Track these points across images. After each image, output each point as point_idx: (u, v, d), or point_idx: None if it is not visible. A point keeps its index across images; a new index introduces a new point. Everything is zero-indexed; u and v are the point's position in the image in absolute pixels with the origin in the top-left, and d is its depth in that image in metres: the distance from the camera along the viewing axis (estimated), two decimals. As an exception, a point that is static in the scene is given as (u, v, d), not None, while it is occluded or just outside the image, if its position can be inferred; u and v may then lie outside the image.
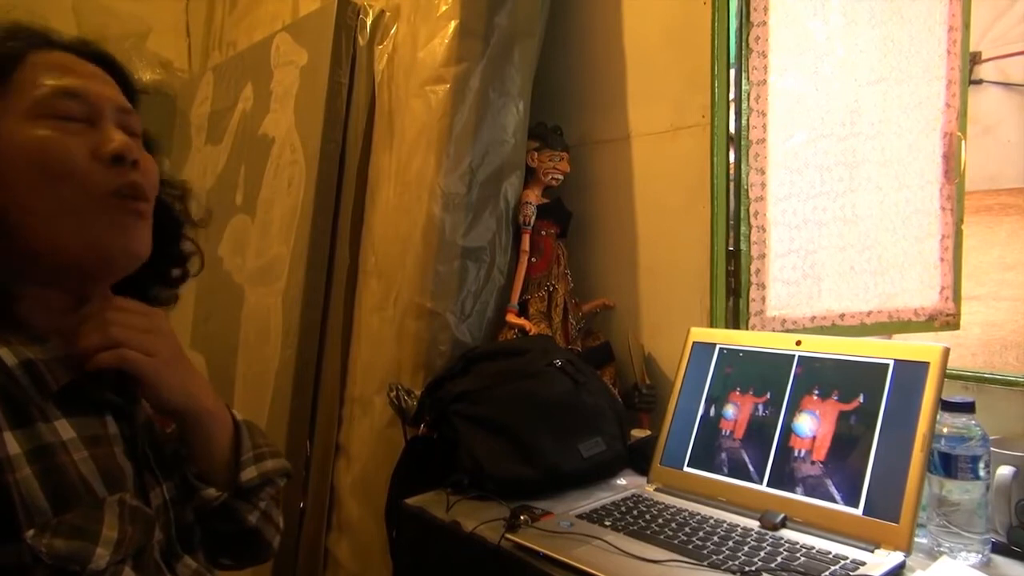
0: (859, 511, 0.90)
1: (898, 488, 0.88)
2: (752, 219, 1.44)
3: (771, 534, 0.93)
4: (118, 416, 0.66)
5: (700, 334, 1.19)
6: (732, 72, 1.42)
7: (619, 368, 1.54)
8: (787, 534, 0.92)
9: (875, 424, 0.93)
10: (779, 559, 0.85)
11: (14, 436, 0.57)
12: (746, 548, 0.89)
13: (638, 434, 1.37)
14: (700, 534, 0.93)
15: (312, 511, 1.62)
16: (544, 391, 1.24)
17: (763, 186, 1.44)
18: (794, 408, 1.02)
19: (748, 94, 1.42)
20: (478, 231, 1.49)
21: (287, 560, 1.60)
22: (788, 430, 1.01)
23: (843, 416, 0.97)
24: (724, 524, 0.97)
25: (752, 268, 1.44)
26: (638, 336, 1.54)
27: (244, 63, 2.12)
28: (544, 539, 0.94)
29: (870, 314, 1.57)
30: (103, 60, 0.71)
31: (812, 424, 0.99)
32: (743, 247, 1.43)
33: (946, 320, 1.66)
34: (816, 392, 1.01)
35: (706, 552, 0.88)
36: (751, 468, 1.03)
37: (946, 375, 0.91)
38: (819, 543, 0.89)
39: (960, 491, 0.89)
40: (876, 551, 0.86)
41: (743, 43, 1.41)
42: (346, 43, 1.69)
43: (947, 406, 0.92)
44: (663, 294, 1.53)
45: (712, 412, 1.11)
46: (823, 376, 1.01)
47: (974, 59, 3.43)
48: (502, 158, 1.52)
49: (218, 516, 0.73)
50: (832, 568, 0.82)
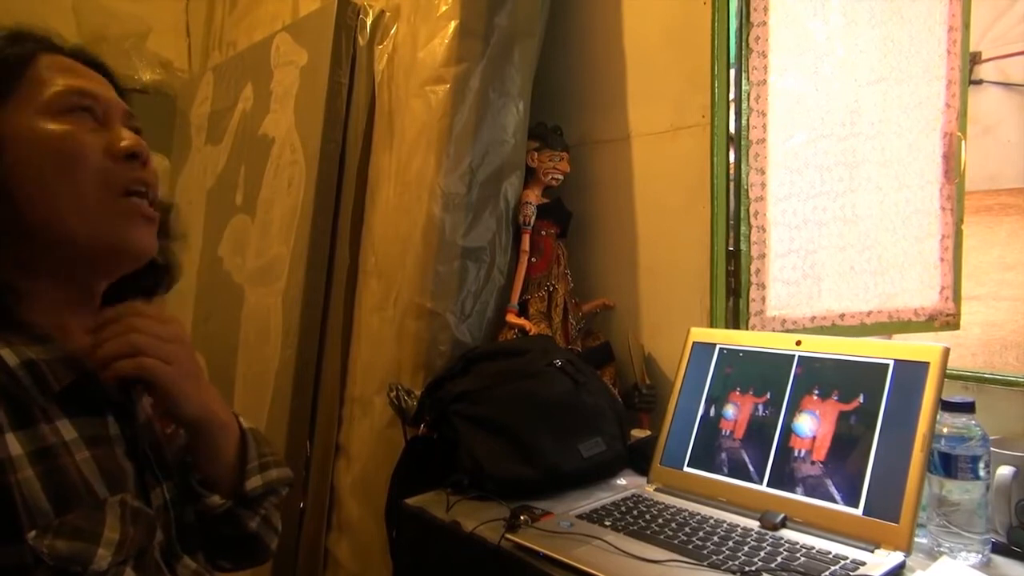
0: (859, 511, 0.90)
1: (898, 488, 0.88)
2: (752, 219, 1.44)
3: (771, 534, 0.93)
4: (119, 416, 0.66)
5: (700, 334, 1.19)
6: (732, 72, 1.42)
7: (619, 368, 1.54)
8: (787, 534, 0.92)
9: (875, 424, 0.93)
10: (779, 559, 0.85)
11: (16, 437, 0.57)
12: (746, 548, 0.89)
13: (638, 434, 1.38)
14: (700, 534, 0.93)
15: (312, 511, 1.62)
16: (544, 391, 1.24)
17: (763, 186, 1.44)
18: (794, 408, 1.02)
19: (748, 94, 1.42)
20: (478, 231, 1.50)
21: (287, 560, 1.60)
22: (788, 430, 1.01)
23: (843, 416, 0.97)
24: (724, 524, 0.97)
25: (752, 268, 1.44)
26: (638, 336, 1.54)
27: (244, 63, 2.11)
28: (544, 539, 0.94)
29: (870, 314, 1.57)
30: (100, 68, 0.73)
31: (812, 424, 0.99)
32: (743, 247, 1.43)
33: (946, 320, 1.66)
34: (816, 392, 1.01)
35: (706, 552, 0.88)
36: (751, 468, 1.03)
37: (946, 375, 0.91)
38: (819, 543, 0.89)
39: (960, 491, 0.89)
40: (876, 551, 0.86)
41: (743, 43, 1.41)
42: (346, 43, 1.69)
43: (947, 406, 0.92)
44: (663, 294, 1.53)
45: (712, 412, 1.11)
46: (823, 376, 1.01)
47: (974, 59, 3.43)
48: (502, 158, 1.52)
49: (220, 521, 0.73)
50: (832, 568, 0.82)
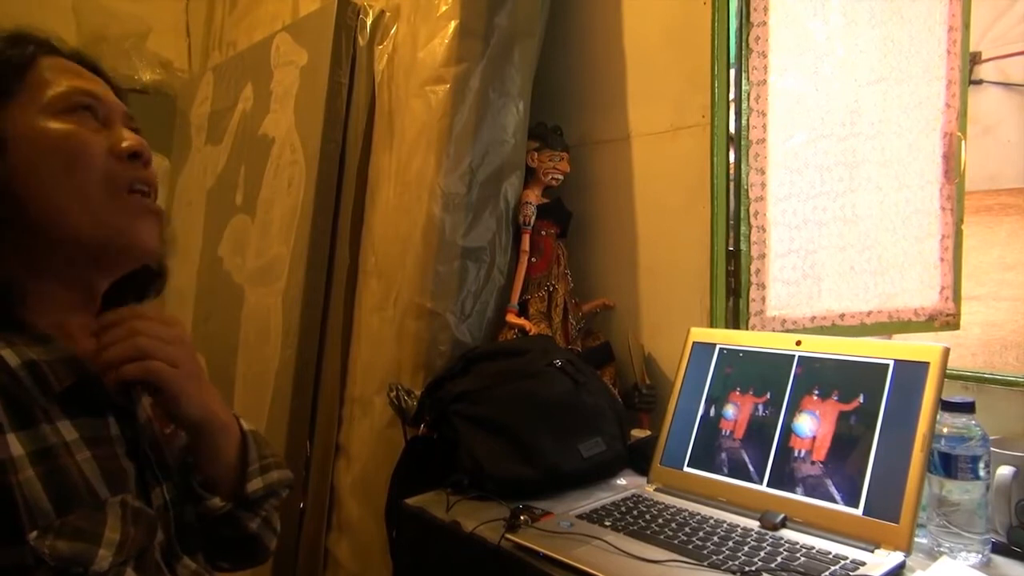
0: (859, 511, 0.90)
1: (898, 488, 0.88)
2: (752, 219, 1.44)
3: (771, 534, 0.93)
4: (120, 416, 0.66)
5: (700, 334, 1.19)
6: (732, 72, 1.42)
7: (619, 368, 1.54)
8: (787, 534, 0.92)
9: (875, 424, 0.93)
10: (779, 559, 0.85)
11: (17, 438, 0.57)
12: (746, 548, 0.89)
13: (638, 434, 1.38)
14: (700, 534, 0.93)
15: (312, 511, 1.62)
16: (544, 391, 1.24)
17: (763, 186, 1.44)
18: (794, 408, 1.02)
19: (748, 94, 1.42)
20: (478, 231, 1.50)
21: (287, 560, 1.60)
22: (788, 430, 1.01)
23: (843, 416, 0.97)
24: (724, 524, 0.97)
25: (752, 268, 1.44)
26: (638, 336, 1.54)
27: (244, 63, 2.11)
28: (544, 539, 0.94)
29: (870, 314, 1.57)
30: (98, 70, 0.74)
31: (812, 424, 0.99)
32: (743, 247, 1.43)
33: (946, 320, 1.66)
34: (816, 392, 1.01)
35: (706, 552, 0.88)
36: (751, 468, 1.03)
37: (946, 375, 0.91)
38: (819, 543, 0.89)
39: (960, 491, 0.89)
40: (876, 551, 0.86)
41: (743, 43, 1.41)
42: (346, 43, 1.69)
43: (947, 406, 0.92)
44: (663, 294, 1.53)
45: (712, 412, 1.11)
46: (823, 376, 1.01)
47: (974, 59, 3.43)
48: (502, 158, 1.52)
49: (220, 523, 0.73)
50: (832, 568, 0.83)
